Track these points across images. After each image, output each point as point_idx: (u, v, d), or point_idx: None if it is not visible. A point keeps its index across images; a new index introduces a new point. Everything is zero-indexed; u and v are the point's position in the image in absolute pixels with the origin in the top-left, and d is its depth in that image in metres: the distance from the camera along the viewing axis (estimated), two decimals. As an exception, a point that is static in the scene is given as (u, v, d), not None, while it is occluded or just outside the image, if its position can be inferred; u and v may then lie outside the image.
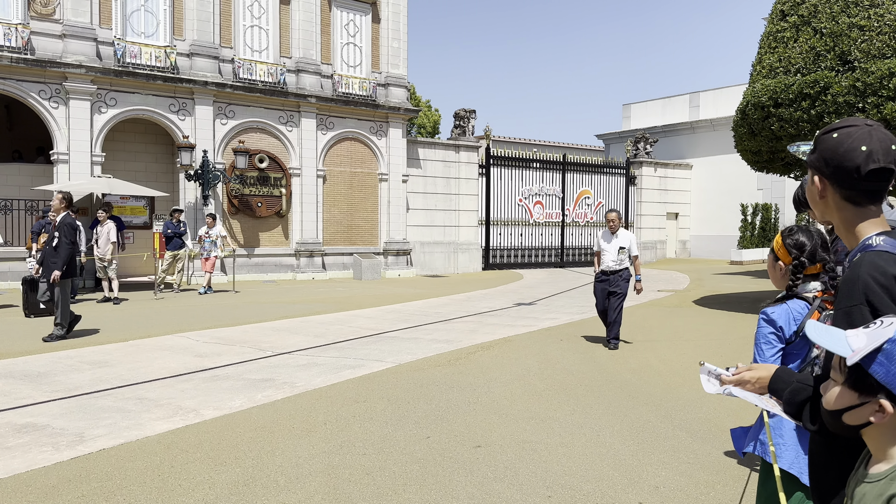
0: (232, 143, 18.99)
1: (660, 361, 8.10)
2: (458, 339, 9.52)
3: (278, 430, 5.30)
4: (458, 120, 24.13)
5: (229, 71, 18.99)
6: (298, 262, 20.13)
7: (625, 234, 8.72)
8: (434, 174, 23.16)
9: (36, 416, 5.65)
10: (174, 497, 4.00)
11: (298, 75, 20.08)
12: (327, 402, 6.16)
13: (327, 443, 5.01)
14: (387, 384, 6.84)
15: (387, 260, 21.83)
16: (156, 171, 19.65)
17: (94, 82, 16.77)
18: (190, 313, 12.18)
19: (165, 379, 7.03)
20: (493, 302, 14.48)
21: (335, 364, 7.81)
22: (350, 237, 21.36)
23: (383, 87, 21.76)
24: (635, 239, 8.89)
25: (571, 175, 26.84)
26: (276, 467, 4.50)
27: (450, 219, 23.50)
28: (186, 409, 5.90)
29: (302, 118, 20.11)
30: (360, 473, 4.39)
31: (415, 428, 5.38)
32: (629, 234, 8.76)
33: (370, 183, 21.71)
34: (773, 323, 2.62)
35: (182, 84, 17.91)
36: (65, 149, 16.51)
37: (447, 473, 4.40)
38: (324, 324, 11.03)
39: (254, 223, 19.47)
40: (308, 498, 4.00)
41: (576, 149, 40.18)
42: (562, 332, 10.28)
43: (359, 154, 21.46)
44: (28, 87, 16.14)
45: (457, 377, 7.18)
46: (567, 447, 4.95)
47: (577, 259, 27.06)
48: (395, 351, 8.63)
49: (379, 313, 12.48)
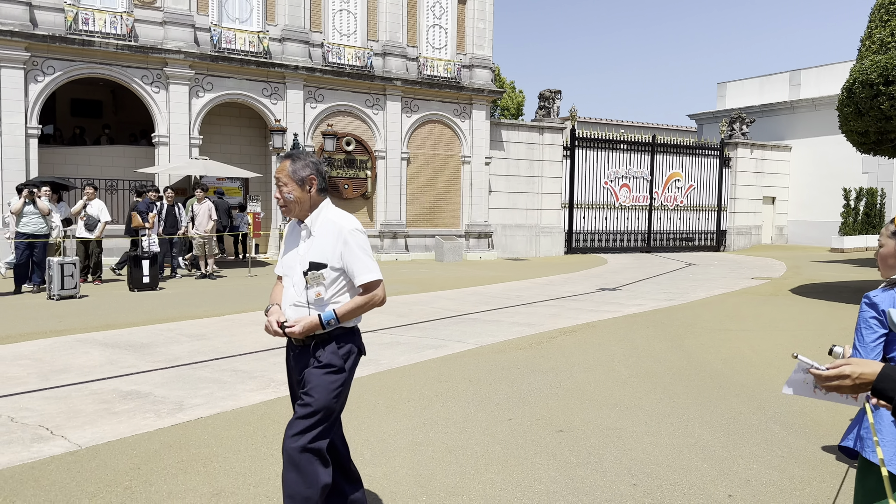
0: (321, 126, 19.46)
1: (753, 351, 7.78)
2: (540, 323, 9.45)
3: (364, 405, 5.43)
4: (542, 101, 23.80)
5: (319, 55, 19.41)
6: (382, 244, 20.49)
7: None
8: (517, 156, 22.98)
9: (139, 384, 6.01)
10: (266, 466, 4.17)
11: (385, 58, 20.30)
12: (410, 380, 6.26)
13: (410, 420, 5.10)
14: (468, 365, 6.88)
15: (468, 242, 21.90)
16: (249, 153, 20.37)
17: (192, 67, 17.53)
18: (279, 291, 12.61)
19: (258, 352, 7.33)
20: (575, 286, 14.29)
21: (417, 343, 7.92)
22: (432, 219, 21.54)
23: (468, 68, 21.71)
24: None
25: (661, 157, 26.02)
26: (362, 441, 4.62)
27: (532, 201, 23.30)
28: (278, 381, 6.13)
29: (387, 101, 20.35)
30: (443, 451, 4.45)
31: (496, 409, 5.40)
32: None
33: (453, 165, 21.78)
34: (876, 307, 2.46)
35: (274, 69, 18.46)
36: (165, 132, 17.37)
37: (529, 456, 4.40)
38: (406, 304, 11.19)
39: (341, 204, 19.88)
40: (392, 472, 4.09)
41: (666, 129, 38.89)
42: (648, 318, 10.04)
43: (442, 136, 21.55)
44: (132, 72, 17.04)
45: (538, 361, 7.14)
46: (653, 436, 4.84)
47: (664, 244, 26.29)
48: (476, 333, 8.66)
49: (460, 295, 12.55)
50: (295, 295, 3.00)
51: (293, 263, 3.03)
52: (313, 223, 3.01)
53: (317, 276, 2.93)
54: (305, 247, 3.01)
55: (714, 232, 27.56)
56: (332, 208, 3.06)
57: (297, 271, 2.99)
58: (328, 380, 2.93)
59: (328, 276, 2.95)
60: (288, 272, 3.06)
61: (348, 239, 2.95)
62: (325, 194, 3.08)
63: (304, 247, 3.01)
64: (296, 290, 3.00)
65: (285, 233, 3.18)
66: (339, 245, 2.94)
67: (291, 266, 3.04)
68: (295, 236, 3.08)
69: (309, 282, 2.94)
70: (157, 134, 17.43)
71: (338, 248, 2.94)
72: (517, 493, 3.83)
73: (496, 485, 3.94)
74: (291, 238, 3.10)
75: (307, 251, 2.98)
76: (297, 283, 2.99)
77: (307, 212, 3.02)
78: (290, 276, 3.03)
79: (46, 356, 6.98)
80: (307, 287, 2.95)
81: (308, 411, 2.89)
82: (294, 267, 3.01)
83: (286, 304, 3.01)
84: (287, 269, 3.07)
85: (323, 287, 2.94)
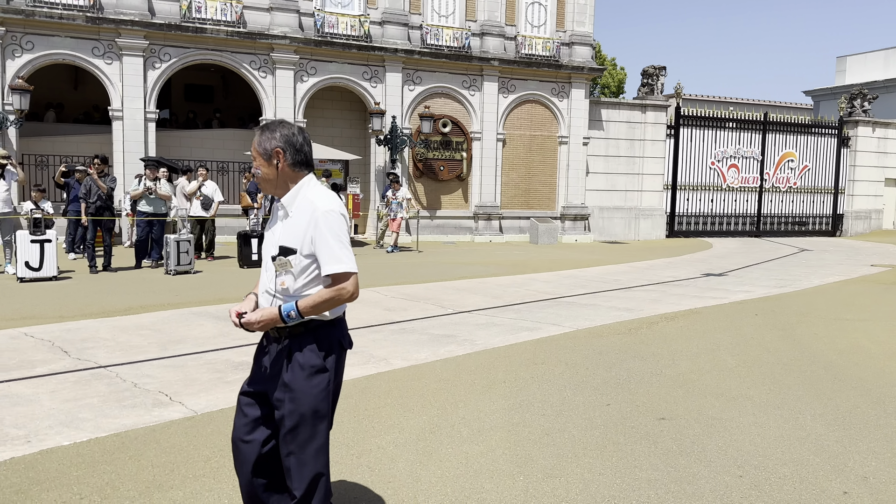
0: (418, 108, 19.64)
1: (871, 342, 7.28)
2: (640, 308, 9.21)
3: (461, 384, 5.49)
4: (645, 78, 23.00)
5: (417, 37, 19.56)
6: (476, 225, 20.54)
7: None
8: (617, 136, 22.36)
9: (248, 355, 6.32)
10: (368, 437, 4.31)
11: (483, 38, 20.20)
12: (506, 361, 6.27)
13: (507, 400, 5.11)
14: (564, 348, 6.81)
15: (564, 225, 21.59)
16: (350, 135, 20.86)
17: (297, 52, 18.09)
18: (379, 270, 12.92)
19: (359, 329, 7.54)
20: (677, 271, 13.82)
21: (513, 325, 7.91)
22: (527, 201, 21.37)
23: (567, 46, 21.26)
24: None
25: (773, 135, 24.63)
26: (459, 419, 4.68)
27: (632, 183, 22.65)
28: (378, 357, 6.30)
29: (484, 82, 20.27)
30: (540, 433, 4.44)
31: (594, 394, 5.32)
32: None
33: (549, 146, 21.47)
34: None
35: (374, 52, 18.77)
36: (272, 115, 18.05)
37: (629, 443, 4.31)
38: (501, 286, 11.19)
39: (436, 186, 20.12)
40: (490, 451, 4.12)
41: (779, 107, 36.76)
42: (757, 306, 9.58)
43: (539, 117, 21.26)
44: (241, 58, 17.79)
45: (638, 347, 6.97)
46: (761, 427, 4.63)
47: (775, 228, 24.97)
48: (572, 316, 8.55)
49: (555, 278, 12.42)
50: (266, 282, 2.69)
51: (268, 247, 2.69)
52: (291, 203, 2.66)
53: (284, 263, 2.59)
54: (280, 228, 2.66)
55: (829, 216, 25.88)
56: (314, 186, 2.68)
57: (269, 256, 2.69)
58: (312, 383, 2.60)
59: (297, 264, 2.59)
60: (264, 256, 2.73)
61: (320, 221, 2.55)
62: (305, 169, 2.70)
63: (279, 228, 2.67)
64: (268, 277, 2.67)
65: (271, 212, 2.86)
66: (311, 228, 2.57)
67: (267, 250, 2.70)
68: (275, 216, 2.74)
69: (277, 268, 2.61)
70: (265, 117, 18.14)
71: (309, 231, 2.56)
72: (616, 479, 3.77)
73: (594, 469, 3.90)
74: (273, 218, 2.77)
75: (281, 234, 2.65)
76: (269, 268, 2.67)
77: (283, 189, 2.67)
78: (265, 260, 2.71)
79: (165, 327, 7.47)
80: (276, 274, 2.63)
81: (295, 421, 2.61)
82: (269, 251, 2.69)
83: (261, 291, 2.73)
84: (264, 252, 2.73)
85: (291, 276, 2.60)
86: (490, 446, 4.20)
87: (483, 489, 3.62)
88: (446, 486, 3.64)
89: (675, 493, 3.61)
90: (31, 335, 6.84)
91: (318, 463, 2.66)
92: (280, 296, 2.63)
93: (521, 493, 3.59)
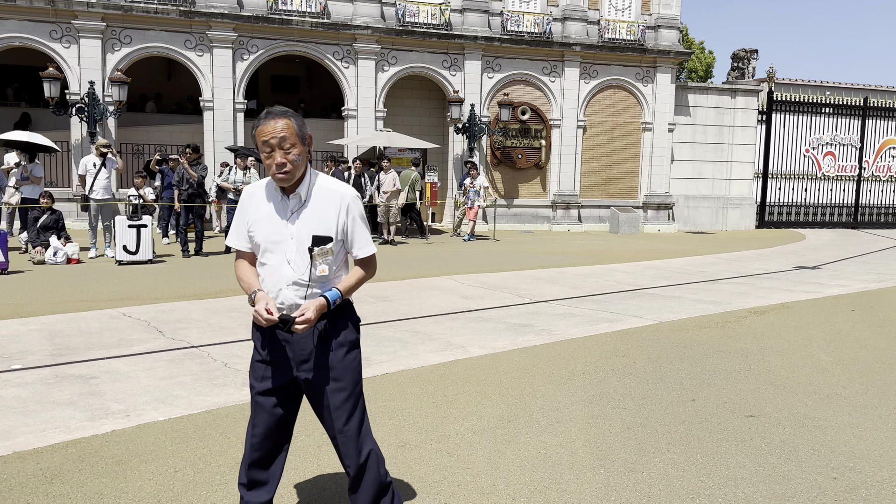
0: (497, 96, 19.53)
1: None
2: (727, 301, 8.89)
3: (538, 374, 5.45)
4: (735, 61, 22.08)
5: (497, 24, 19.42)
6: (555, 214, 20.29)
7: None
8: (704, 122, 21.57)
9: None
10: (447, 423, 4.34)
11: (564, 23, 19.85)
12: (585, 352, 6.18)
13: (586, 392, 5.03)
14: (647, 341, 6.65)
15: (646, 214, 21.04)
16: (428, 124, 20.96)
17: (379, 42, 18.31)
18: (456, 258, 12.98)
19: (436, 316, 7.61)
20: (768, 263, 13.24)
21: (592, 316, 7.78)
22: (608, 189, 20.93)
23: (652, 29, 20.62)
24: None
25: (873, 121, 23.20)
26: (537, 408, 4.65)
27: (720, 171, 21.82)
28: (455, 344, 6.34)
29: (565, 68, 19.94)
30: (621, 427, 4.35)
31: (678, 389, 5.17)
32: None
33: (632, 133, 20.93)
34: None
35: (454, 40, 18.77)
36: (353, 105, 18.37)
37: (715, 440, 4.17)
38: (580, 276, 11.03)
39: (513, 174, 19.98)
40: (568, 442, 4.08)
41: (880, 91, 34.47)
42: (854, 301, 9.06)
43: (621, 102, 20.76)
44: (324, 49, 18.15)
45: (725, 341, 6.73)
46: (857, 428, 4.39)
47: (874, 219, 23.58)
48: (655, 308, 8.34)
49: (637, 269, 12.13)
50: (293, 274, 2.60)
51: (280, 238, 2.60)
52: (306, 191, 2.62)
53: (325, 252, 2.58)
54: (298, 218, 2.60)
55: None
56: (317, 173, 2.69)
57: (292, 247, 2.59)
58: (350, 358, 2.68)
59: (335, 251, 2.63)
60: (272, 248, 2.62)
61: (351, 207, 2.62)
62: None
63: (295, 218, 2.60)
64: (294, 268, 2.60)
65: (243, 202, 2.71)
66: (343, 215, 2.61)
67: (278, 241, 2.61)
68: (270, 206, 2.63)
69: (316, 258, 2.58)
70: (346, 107, 18.49)
71: (341, 217, 2.60)
72: (701, 476, 3.66)
73: (678, 465, 3.79)
74: (264, 208, 2.64)
75: (309, 223, 2.59)
76: (293, 259, 2.59)
77: (300, 178, 2.62)
78: (280, 252, 2.61)
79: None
80: (314, 264, 2.59)
81: (344, 396, 2.66)
82: (282, 242, 2.60)
83: (282, 285, 2.60)
84: (271, 245, 2.62)
85: (328, 263, 2.61)
86: (569, 437, 4.16)
87: (562, 480, 3.58)
88: (524, 475, 3.63)
89: (764, 493, 3.47)
90: (128, 315, 7.25)
91: (368, 435, 2.74)
92: (316, 284, 2.62)
93: (602, 485, 3.53)
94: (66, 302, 7.91)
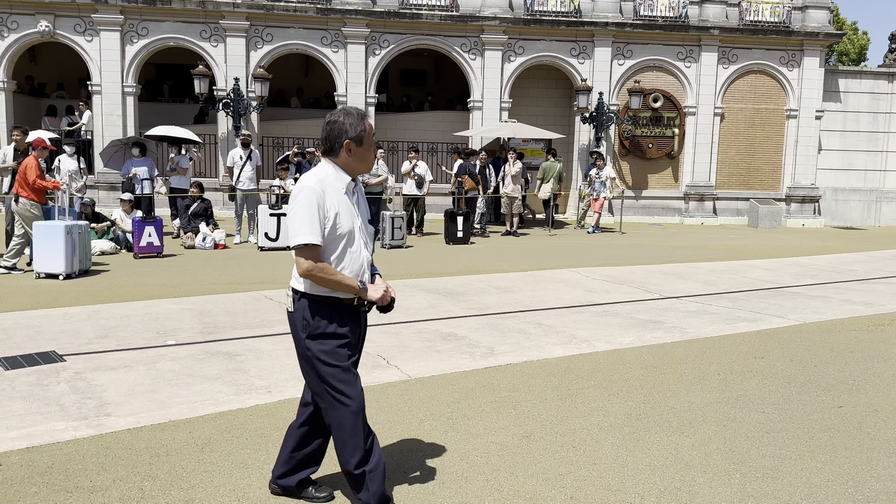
0: (627, 83, 18.95)
1: None
2: (881, 303, 8.17)
3: (668, 372, 5.27)
4: (893, 42, 20.13)
5: (629, 9, 18.82)
6: (687, 206, 19.44)
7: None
8: (856, 108, 19.85)
9: (456, 327, 6.59)
10: (573, 417, 4.30)
11: (702, 6, 18.92)
12: (720, 352, 5.90)
13: (721, 393, 4.81)
14: (789, 342, 6.24)
15: (789, 207, 19.69)
16: (554, 114, 20.70)
17: (506, 32, 18.27)
18: (579, 251, 12.76)
19: (560, 309, 7.53)
20: (929, 262, 12.02)
21: (728, 315, 7.41)
22: (746, 181, 19.77)
23: (799, 10, 19.20)
24: None
25: None
26: (667, 408, 4.50)
27: (873, 161, 20.02)
28: (580, 338, 6.25)
29: (702, 52, 19.00)
30: (759, 431, 4.12)
31: (823, 394, 4.83)
32: None
33: (774, 120, 19.62)
34: None
35: (583, 27, 18.40)
36: (479, 97, 18.47)
37: (864, 450, 3.86)
38: (714, 272, 10.52)
39: (643, 165, 19.32)
40: (702, 444, 3.91)
41: None
42: None
43: (763, 88, 19.50)
44: (452, 41, 18.36)
45: (878, 346, 6.19)
46: None
47: None
48: (798, 308, 7.80)
49: (778, 265, 11.40)
50: (368, 255, 3.01)
51: (358, 224, 2.94)
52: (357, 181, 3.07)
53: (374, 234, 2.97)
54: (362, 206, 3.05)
55: None
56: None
57: (366, 232, 2.99)
58: None
59: None
60: (356, 235, 2.91)
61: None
62: None
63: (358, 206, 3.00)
64: (368, 251, 3.00)
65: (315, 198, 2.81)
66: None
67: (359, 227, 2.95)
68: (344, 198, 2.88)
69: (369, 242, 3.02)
70: (472, 99, 18.61)
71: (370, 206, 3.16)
72: (848, 487, 3.40)
73: (822, 474, 3.55)
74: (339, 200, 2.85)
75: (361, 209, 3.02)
76: (368, 244, 2.99)
77: None
78: (360, 237, 2.93)
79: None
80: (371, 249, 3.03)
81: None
82: (361, 228, 2.96)
83: (365, 266, 2.97)
84: (357, 230, 2.92)
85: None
86: (702, 439, 3.99)
87: (695, 483, 3.45)
88: (654, 475, 3.53)
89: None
90: (269, 297, 7.71)
91: None
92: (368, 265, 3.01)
93: (738, 490, 3.37)
94: (214, 284, 8.55)
